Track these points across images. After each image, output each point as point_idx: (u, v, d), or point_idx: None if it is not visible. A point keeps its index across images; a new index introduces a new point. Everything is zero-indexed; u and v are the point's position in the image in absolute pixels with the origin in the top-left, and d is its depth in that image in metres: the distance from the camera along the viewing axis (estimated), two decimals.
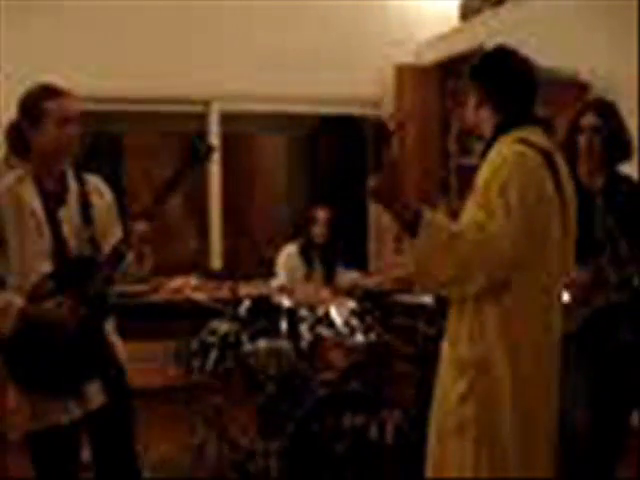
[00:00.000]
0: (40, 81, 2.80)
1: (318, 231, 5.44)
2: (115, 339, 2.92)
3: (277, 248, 5.60)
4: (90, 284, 2.70)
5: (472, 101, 2.51)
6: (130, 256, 2.79)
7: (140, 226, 2.70)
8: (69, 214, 2.78)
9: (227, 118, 6.61)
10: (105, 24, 6.04)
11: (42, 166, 2.77)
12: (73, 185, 2.83)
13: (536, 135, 2.41)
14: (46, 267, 2.70)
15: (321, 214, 5.45)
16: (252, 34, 6.42)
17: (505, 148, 2.37)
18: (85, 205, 2.81)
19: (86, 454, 2.92)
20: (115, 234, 2.85)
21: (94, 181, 2.94)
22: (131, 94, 6.08)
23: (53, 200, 2.77)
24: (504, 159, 2.33)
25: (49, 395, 2.70)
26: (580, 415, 3.25)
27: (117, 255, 2.71)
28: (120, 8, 6.07)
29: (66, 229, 2.76)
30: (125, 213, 3.04)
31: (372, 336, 4.72)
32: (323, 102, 6.78)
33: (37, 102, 2.73)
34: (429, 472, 2.47)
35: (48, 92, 2.74)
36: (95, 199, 2.87)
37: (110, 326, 2.89)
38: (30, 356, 2.68)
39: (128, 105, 6.30)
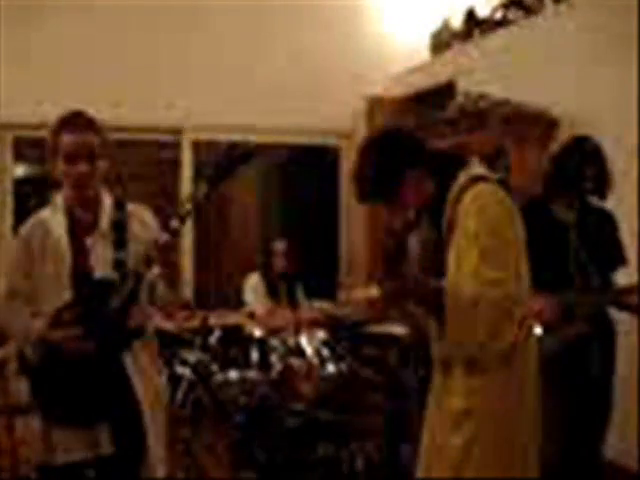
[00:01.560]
0: (68, 110, 2.77)
1: (278, 263, 5.53)
2: (147, 371, 2.82)
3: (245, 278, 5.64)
4: (108, 307, 2.65)
5: (410, 187, 2.40)
6: (160, 284, 2.74)
7: (162, 237, 2.57)
8: (99, 240, 2.75)
9: (199, 147, 6.62)
10: (76, 52, 6.04)
11: (71, 195, 2.76)
12: (108, 212, 2.79)
13: (479, 168, 2.43)
14: (65, 295, 2.69)
15: (279, 246, 5.55)
16: (224, 65, 6.46)
17: (472, 192, 2.34)
18: (120, 231, 2.77)
19: None
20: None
21: (137, 210, 2.89)
22: (105, 123, 6.07)
23: (83, 228, 2.76)
24: (481, 204, 2.30)
25: (70, 428, 2.66)
26: (551, 446, 3.27)
27: (135, 275, 2.63)
28: (90, 37, 6.08)
29: (94, 256, 2.74)
30: None
31: (343, 366, 4.73)
32: (295, 133, 6.82)
33: (52, 136, 2.71)
34: None
35: (62, 125, 2.71)
36: (135, 227, 2.82)
37: (134, 358, 2.79)
38: (52, 386, 2.67)
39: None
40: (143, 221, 2.87)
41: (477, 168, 2.42)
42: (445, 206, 2.38)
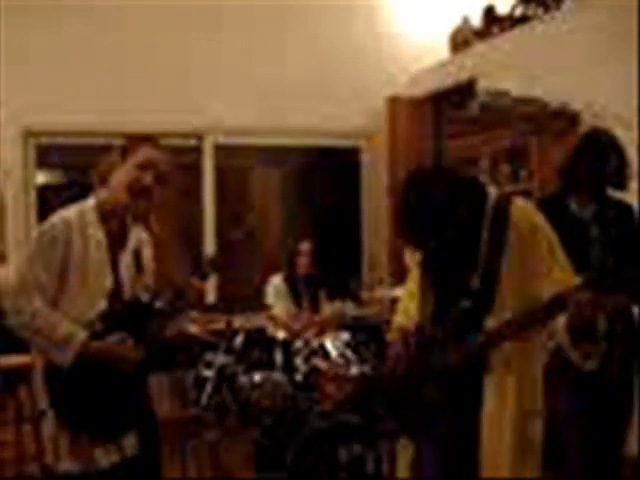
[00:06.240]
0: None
1: (302, 263, 5.53)
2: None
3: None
4: (145, 329, 2.71)
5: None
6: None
7: (197, 283, 2.84)
8: (126, 259, 2.79)
9: (221, 151, 6.63)
10: (99, 58, 6.07)
11: (109, 204, 2.76)
12: (131, 232, 2.84)
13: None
14: (103, 305, 2.68)
15: (305, 247, 5.55)
16: (246, 68, 6.46)
17: (523, 210, 2.46)
18: (137, 253, 2.83)
19: None
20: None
21: (139, 231, 2.92)
22: (123, 128, 6.11)
23: (115, 242, 2.77)
24: (533, 219, 2.44)
25: (95, 436, 2.65)
26: (571, 443, 3.25)
27: (176, 308, 2.78)
28: (110, 43, 6.11)
29: (123, 273, 2.77)
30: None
31: (367, 367, 4.72)
32: (317, 135, 6.81)
33: (131, 142, 2.81)
34: None
35: (143, 139, 2.86)
36: (143, 248, 2.89)
37: None
38: (83, 393, 2.64)
39: (123, 140, 6.32)
40: (145, 241, 2.93)
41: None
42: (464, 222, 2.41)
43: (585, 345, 2.23)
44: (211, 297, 6.47)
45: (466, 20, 6.47)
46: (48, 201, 6.21)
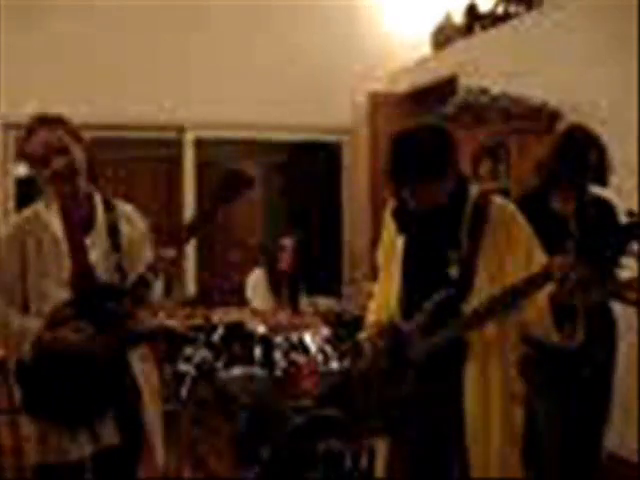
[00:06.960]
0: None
1: (283, 258, 5.53)
2: (145, 367, 2.80)
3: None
4: (113, 312, 2.63)
5: (450, 178, 2.47)
6: (159, 287, 2.74)
7: (169, 253, 2.62)
8: (97, 240, 2.72)
9: (201, 145, 6.62)
10: (76, 52, 6.05)
11: (60, 193, 2.71)
12: (101, 211, 2.76)
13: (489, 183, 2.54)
14: (64, 294, 2.64)
15: (287, 242, 5.56)
16: (226, 62, 6.46)
17: (502, 205, 2.48)
18: (113, 232, 2.75)
19: None
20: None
21: (125, 208, 2.87)
22: (105, 121, 6.08)
23: (80, 226, 2.72)
24: (511, 216, 2.45)
25: (62, 427, 2.61)
26: (553, 439, 3.27)
27: (143, 283, 2.62)
28: (92, 35, 6.09)
29: (94, 256, 2.70)
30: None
31: (346, 363, 4.73)
32: (298, 130, 6.82)
33: (21, 148, 2.70)
34: None
35: (25, 135, 2.69)
36: (124, 227, 2.80)
37: (138, 355, 2.78)
38: (45, 384, 2.61)
39: (102, 132, 6.30)
40: (130, 219, 2.85)
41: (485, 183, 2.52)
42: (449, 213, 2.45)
43: (566, 327, 2.25)
44: (191, 290, 6.47)
45: (448, 17, 6.49)
46: (26, 194, 6.16)
